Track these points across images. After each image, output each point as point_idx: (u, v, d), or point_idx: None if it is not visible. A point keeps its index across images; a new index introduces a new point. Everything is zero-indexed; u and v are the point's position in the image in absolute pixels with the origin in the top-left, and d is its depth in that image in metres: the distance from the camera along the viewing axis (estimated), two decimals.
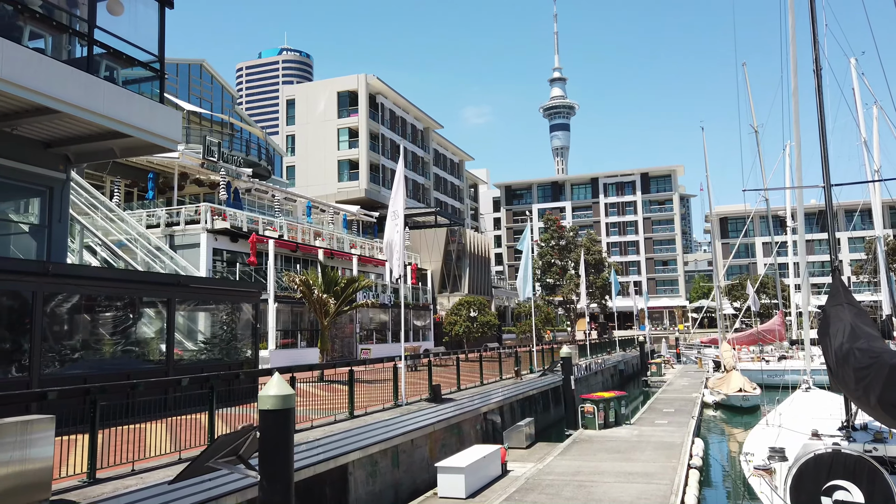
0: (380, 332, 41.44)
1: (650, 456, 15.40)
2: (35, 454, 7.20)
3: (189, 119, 42.73)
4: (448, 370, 22.11)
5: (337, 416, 14.14)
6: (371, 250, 44.28)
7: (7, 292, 11.92)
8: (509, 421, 20.03)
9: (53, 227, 15.50)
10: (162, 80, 15.58)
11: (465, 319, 40.92)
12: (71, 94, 12.80)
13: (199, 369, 15.63)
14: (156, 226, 30.70)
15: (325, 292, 24.42)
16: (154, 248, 25.85)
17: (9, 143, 14.28)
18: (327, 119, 63.48)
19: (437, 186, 78.06)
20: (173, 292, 15.73)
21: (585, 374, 31.60)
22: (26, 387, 11.52)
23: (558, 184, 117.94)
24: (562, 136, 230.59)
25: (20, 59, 11.91)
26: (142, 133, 14.63)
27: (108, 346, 14.43)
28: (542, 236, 68.85)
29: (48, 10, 13.98)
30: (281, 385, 7.56)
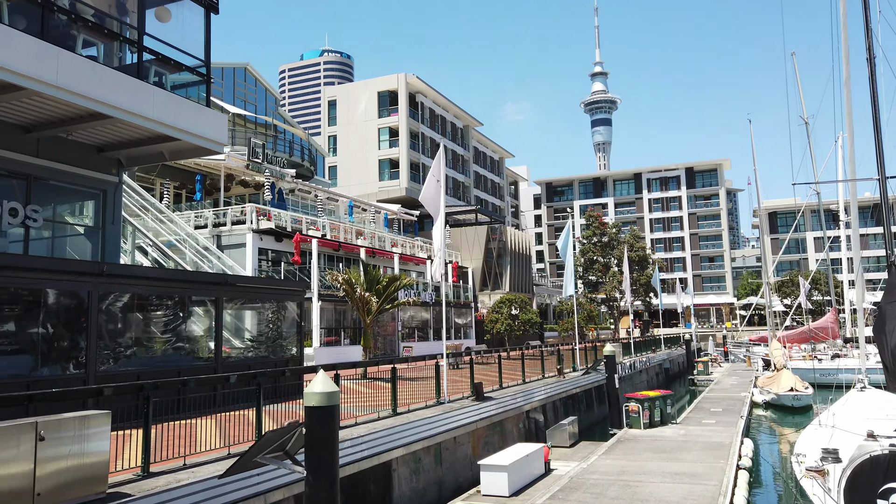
0: (421, 329, 41.64)
1: (697, 456, 15.10)
2: (92, 448, 7.48)
3: (234, 121, 43.67)
4: (490, 368, 22.09)
5: (380, 413, 14.28)
6: (412, 249, 44.51)
7: (65, 292, 12.40)
8: (552, 419, 19.90)
9: (107, 229, 16.06)
10: (208, 84, 15.97)
11: (507, 317, 40.81)
12: (122, 99, 13.24)
13: (246, 366, 15.99)
14: (203, 226, 31.48)
15: (367, 291, 24.68)
16: (202, 248, 26.52)
17: (65, 149, 14.86)
18: (368, 119, 64.03)
19: (478, 184, 77.96)
20: (221, 291, 16.12)
21: (630, 372, 31.15)
22: (83, 383, 11.97)
23: (600, 180, 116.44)
24: (603, 132, 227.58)
25: (75, 67, 12.37)
26: (189, 136, 15.03)
27: (160, 343, 14.88)
28: (583, 233, 68.12)
29: (100, 19, 14.47)
30: (326, 382, 7.68)
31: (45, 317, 12.16)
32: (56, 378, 11.70)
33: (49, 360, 12.08)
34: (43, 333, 12.04)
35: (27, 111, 13.23)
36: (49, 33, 12.26)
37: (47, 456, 6.98)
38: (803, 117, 41.59)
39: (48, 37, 12.14)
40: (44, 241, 15.11)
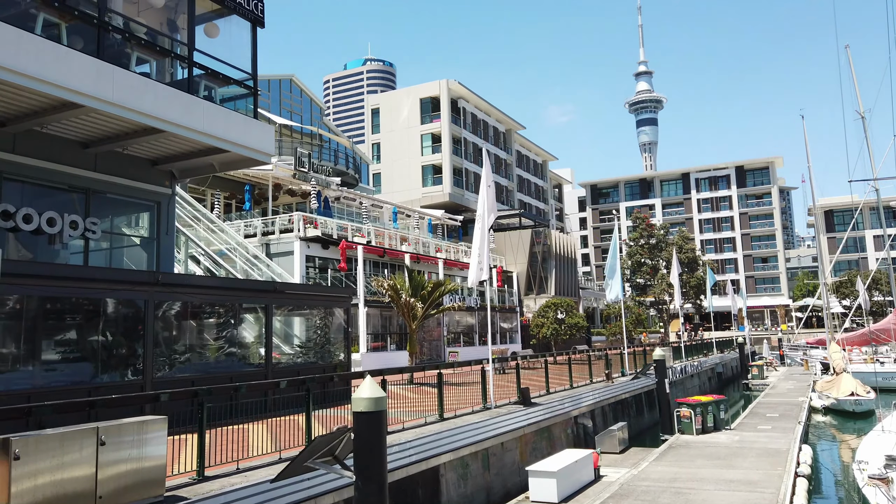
0: (467, 334, 41.62)
1: (753, 463, 14.66)
2: (150, 452, 7.73)
3: (281, 132, 44.61)
4: (536, 373, 21.92)
5: (427, 418, 14.32)
6: (456, 254, 44.58)
7: (123, 301, 12.86)
8: (601, 425, 19.62)
9: (161, 239, 16.60)
10: (255, 96, 16.37)
11: (553, 321, 40.45)
12: (174, 114, 13.68)
13: (295, 372, 16.27)
14: (253, 235, 32.21)
15: (412, 296, 24.81)
16: (252, 257, 27.14)
17: (121, 163, 15.43)
18: (411, 126, 64.52)
19: (521, 188, 77.62)
20: (271, 298, 16.46)
21: (680, 377, 30.47)
22: (140, 389, 12.37)
23: (646, 180, 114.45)
24: (649, 132, 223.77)
25: (129, 84, 12.85)
26: (238, 148, 15.43)
27: (213, 350, 15.27)
28: (630, 235, 67.05)
29: (152, 37, 15.00)
30: (373, 388, 7.76)
31: (104, 325, 12.63)
32: (115, 384, 12.12)
33: (109, 367, 12.53)
34: (102, 341, 12.51)
35: (85, 127, 13.80)
36: (105, 52, 12.76)
37: (108, 460, 7.24)
38: (859, 111, 40.02)
39: (104, 55, 12.65)
40: (102, 252, 15.70)
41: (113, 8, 13.48)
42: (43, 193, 14.27)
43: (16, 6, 11.98)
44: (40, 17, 12.05)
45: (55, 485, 6.74)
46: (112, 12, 13.40)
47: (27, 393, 10.50)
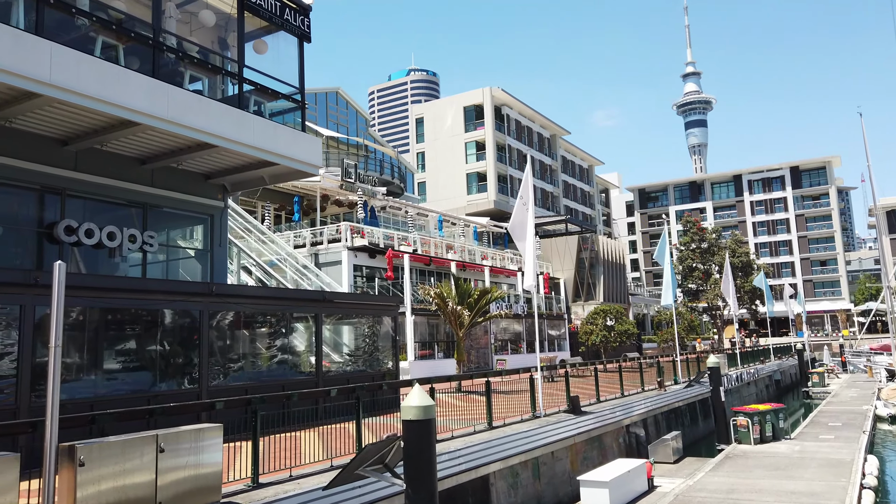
0: (514, 342, 41.37)
1: (815, 474, 14.10)
2: (207, 459, 7.92)
3: (328, 144, 45.39)
4: (586, 381, 21.62)
5: (476, 426, 14.28)
6: (502, 261, 44.43)
7: (179, 312, 13.26)
8: (654, 434, 19.19)
9: (215, 251, 17.06)
10: (303, 110, 16.71)
11: (602, 328, 39.85)
12: (226, 129, 14.08)
13: (345, 380, 16.45)
14: (302, 245, 32.79)
15: (458, 304, 24.83)
16: (301, 267, 27.63)
17: (175, 177, 15.95)
18: (455, 134, 64.75)
19: (567, 193, 76.92)
20: (320, 307, 16.70)
21: (736, 384, 29.57)
22: (196, 397, 12.71)
23: (697, 183, 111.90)
24: (698, 133, 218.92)
25: (183, 102, 13.29)
26: (287, 161, 15.77)
27: (265, 358, 15.59)
28: (681, 239, 65.62)
29: (204, 55, 15.49)
30: (422, 396, 7.78)
31: (162, 335, 13.03)
32: (172, 392, 12.49)
33: (166, 375, 12.93)
34: (160, 351, 12.91)
35: (142, 144, 14.33)
36: (160, 71, 13.24)
37: (167, 466, 7.45)
38: None
39: (159, 74, 13.12)
40: (159, 264, 16.24)
41: (167, 28, 13.99)
42: (103, 209, 14.86)
43: (76, 30, 12.54)
44: (99, 40, 12.59)
45: (117, 490, 6.97)
46: (166, 33, 13.90)
47: (90, 401, 10.91)
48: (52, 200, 13.77)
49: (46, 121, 12.65)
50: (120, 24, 13.20)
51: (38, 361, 10.21)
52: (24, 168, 13.03)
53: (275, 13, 15.82)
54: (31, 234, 13.56)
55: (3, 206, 13.42)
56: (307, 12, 16.72)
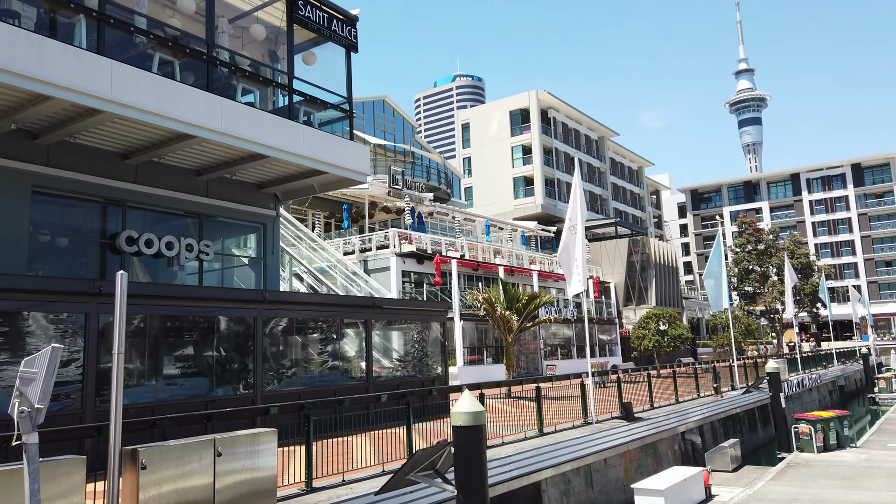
0: (564, 347, 40.92)
1: (883, 483, 13.46)
2: (262, 463, 8.08)
3: (375, 151, 45.92)
4: (638, 387, 21.21)
5: (527, 432, 14.16)
6: (550, 265, 44.06)
7: (234, 318, 13.60)
8: (711, 442, 18.68)
9: (267, 259, 17.46)
10: (351, 118, 16.97)
11: (654, 333, 39.04)
12: (277, 140, 14.42)
13: (395, 385, 16.57)
14: (351, 252, 33.24)
15: (507, 309, 24.71)
16: (351, 273, 28.01)
17: (230, 188, 16.41)
18: (501, 138, 64.62)
19: (616, 196, 75.77)
20: (370, 313, 16.88)
21: (797, 390, 28.53)
22: (251, 402, 13.00)
23: (752, 183, 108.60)
24: (753, 132, 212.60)
25: (236, 114, 13.67)
26: (336, 169, 16.04)
27: (317, 364, 15.84)
28: (736, 241, 63.78)
29: (255, 68, 15.91)
30: (472, 402, 7.77)
31: (218, 342, 13.39)
32: (228, 398, 12.81)
33: (222, 381, 13.27)
34: (216, 357, 13.27)
35: (198, 156, 14.80)
36: (213, 85, 13.65)
37: (224, 470, 7.64)
38: None
39: (213, 88, 13.53)
40: (214, 272, 16.71)
41: (220, 43, 14.42)
42: (161, 219, 15.39)
43: (135, 48, 13.05)
44: (156, 57, 13.06)
45: (177, 493, 7.17)
46: (219, 47, 14.33)
47: (151, 406, 11.28)
48: (114, 212, 14.34)
49: (108, 136, 13.19)
50: (175, 40, 13.68)
51: (101, 367, 10.61)
52: (89, 182, 13.61)
53: (323, 25, 16.12)
54: (95, 244, 14.14)
55: (68, 219, 14.05)
56: (354, 23, 16.98)
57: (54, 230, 13.78)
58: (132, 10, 13.05)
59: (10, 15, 11.08)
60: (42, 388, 5.34)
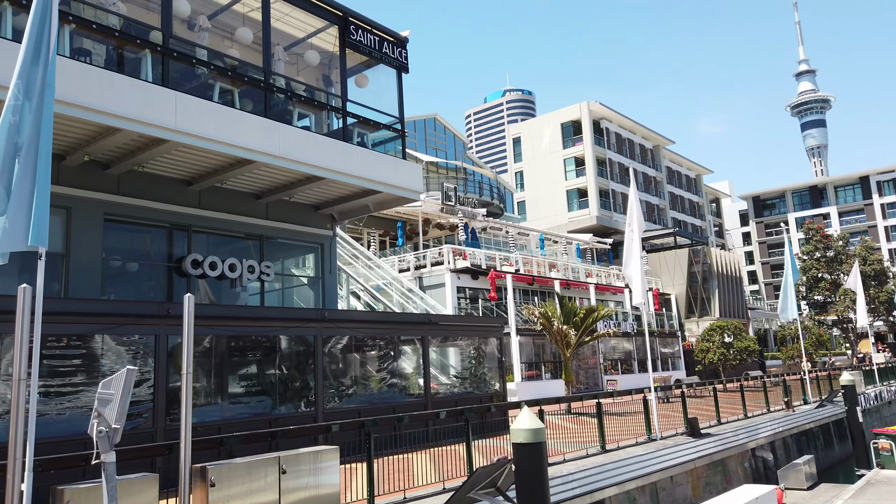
0: (625, 361, 40.05)
1: None
2: (325, 481, 8.19)
3: (427, 169, 46.36)
4: (704, 402, 20.54)
5: (588, 449, 13.89)
6: (608, 278, 43.32)
7: (295, 337, 13.89)
8: (783, 458, 17.89)
9: (325, 278, 17.79)
10: (403, 138, 17.21)
11: (719, 346, 37.78)
12: (332, 161, 14.75)
13: (453, 402, 16.54)
14: (406, 269, 33.50)
15: (564, 323, 24.39)
16: (406, 290, 28.22)
17: (288, 210, 16.84)
18: (553, 151, 64.24)
19: (674, 205, 74.07)
20: (426, 330, 16.96)
21: (875, 403, 27.06)
22: (313, 420, 13.21)
23: (818, 188, 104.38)
24: (817, 134, 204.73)
25: (293, 138, 14.06)
26: (390, 188, 16.27)
27: (375, 381, 15.98)
28: (803, 248, 61.35)
29: (310, 93, 16.35)
30: (531, 419, 7.69)
31: (280, 360, 13.69)
32: (291, 415, 13.05)
33: (285, 399, 13.53)
34: (279, 375, 13.55)
35: (257, 180, 15.27)
36: (271, 111, 14.10)
37: (289, 487, 7.77)
38: None
39: (270, 114, 13.97)
40: (275, 292, 17.13)
41: (276, 71, 14.90)
42: (224, 242, 15.91)
43: (196, 78, 13.62)
44: (216, 86, 13.60)
45: None
46: (276, 74, 14.80)
47: (218, 424, 11.60)
48: (179, 237, 14.92)
49: (173, 164, 13.77)
50: (234, 69, 14.21)
51: (171, 387, 10.99)
52: (156, 208, 14.22)
53: (374, 48, 16.46)
54: (162, 268, 14.73)
55: (137, 244, 14.69)
56: (404, 44, 17.28)
57: (125, 256, 14.41)
58: (194, 43, 13.65)
59: (82, 53, 11.74)
60: (118, 408, 5.57)
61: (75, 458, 7.22)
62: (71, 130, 11.62)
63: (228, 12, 15.34)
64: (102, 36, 11.99)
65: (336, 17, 15.95)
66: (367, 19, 16.43)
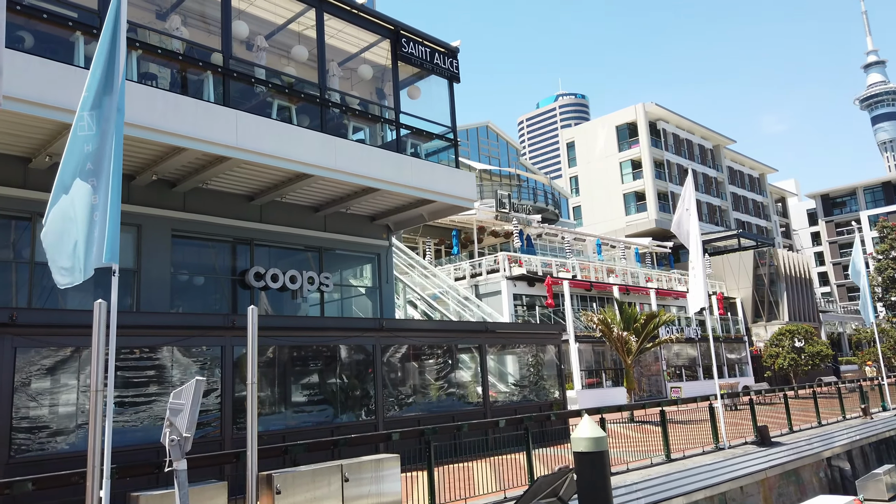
0: (689, 368, 38.96)
1: None
2: (387, 489, 8.27)
3: (481, 177, 46.40)
4: (774, 409, 19.77)
5: (653, 458, 13.56)
6: (669, 282, 42.28)
7: (354, 347, 14.10)
8: (862, 468, 17.01)
9: (382, 288, 18.01)
10: (456, 147, 17.30)
11: (789, 351, 36.31)
12: (387, 173, 14.97)
13: (512, 410, 16.44)
14: (462, 277, 33.58)
15: (624, 330, 23.93)
16: (463, 299, 28.27)
17: (345, 221, 17.16)
18: (608, 155, 63.32)
19: (736, 206, 71.76)
20: (483, 338, 16.93)
21: None
22: (374, 428, 13.36)
23: (892, 183, 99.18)
24: (889, 128, 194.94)
25: (348, 152, 14.34)
26: (444, 197, 16.38)
27: (434, 389, 16.04)
28: (878, 248, 58.37)
29: (364, 106, 16.65)
30: (593, 427, 7.58)
31: (340, 369, 13.92)
32: (352, 424, 13.24)
33: (346, 408, 13.74)
34: (340, 384, 13.78)
35: (315, 194, 15.63)
36: (327, 126, 14.42)
37: (352, 495, 7.88)
38: None
39: (326, 129, 14.30)
40: (334, 303, 17.44)
41: (331, 86, 15.25)
42: (284, 255, 16.34)
43: (255, 97, 14.07)
44: (275, 104, 14.01)
45: None
46: (331, 90, 15.15)
47: (282, 433, 11.87)
48: (242, 250, 15.40)
49: (235, 180, 14.25)
50: (291, 87, 14.62)
51: (237, 396, 11.32)
52: (220, 223, 14.73)
53: (426, 59, 16.64)
54: (227, 281, 15.23)
55: (203, 258, 15.24)
56: (455, 54, 17.40)
57: (191, 270, 14.97)
58: (253, 62, 14.12)
59: (149, 77, 12.31)
60: (189, 417, 5.79)
61: (149, 465, 7.52)
62: (139, 151, 12.18)
63: (284, 31, 15.80)
64: (167, 60, 12.55)
65: (388, 31, 16.21)
66: (418, 31, 16.64)
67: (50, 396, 9.60)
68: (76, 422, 9.66)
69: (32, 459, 8.96)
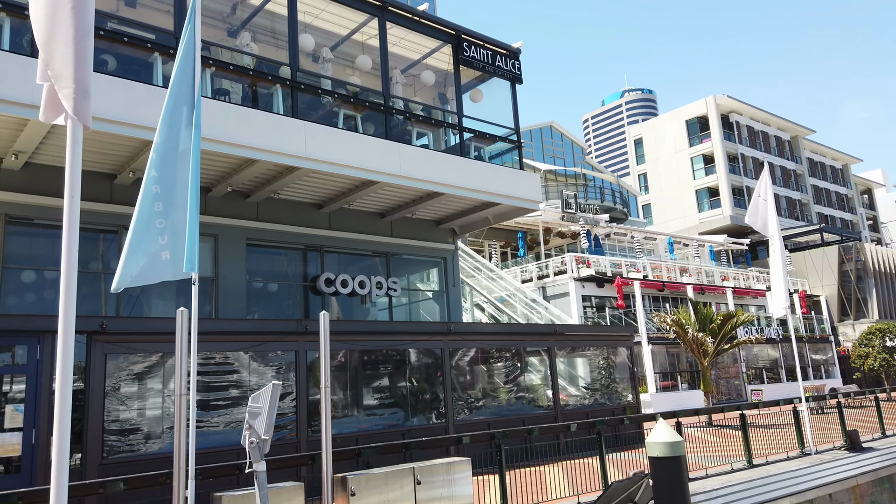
0: (770, 370, 37.30)
1: None
2: (459, 492, 8.29)
3: (546, 178, 45.98)
4: (865, 412, 18.68)
5: (733, 464, 13.05)
6: (746, 280, 40.64)
7: (423, 351, 14.23)
8: None
9: (449, 291, 18.09)
10: (520, 149, 17.21)
11: (880, 350, 34.24)
12: (451, 177, 15.04)
13: (583, 414, 16.18)
14: (529, 280, 33.31)
15: (699, 331, 23.15)
16: (530, 301, 28.06)
17: (411, 226, 17.34)
18: (678, 150, 61.51)
19: (818, 199, 68.29)
20: (552, 341, 16.74)
21: None
22: (444, 431, 13.42)
23: None
24: None
25: (412, 157, 14.50)
26: (509, 199, 16.32)
27: (503, 393, 15.97)
28: None
29: (427, 112, 16.79)
30: (668, 431, 7.37)
31: (409, 373, 14.07)
32: (423, 427, 13.34)
33: (416, 411, 13.87)
34: (409, 387, 13.92)
35: (381, 200, 15.87)
36: (391, 132, 14.64)
37: (424, 498, 7.94)
38: None
39: (391, 136, 14.51)
40: (402, 307, 17.65)
41: (394, 93, 15.46)
42: (353, 261, 16.66)
43: (322, 107, 14.43)
44: (340, 113, 14.33)
45: None
46: (394, 97, 15.37)
47: (355, 436, 12.10)
48: (312, 257, 15.81)
49: (305, 189, 14.65)
50: (356, 96, 14.91)
51: (311, 400, 11.61)
52: (291, 231, 15.18)
53: (487, 62, 16.64)
54: (298, 287, 15.66)
55: (276, 266, 15.73)
56: (517, 56, 17.32)
57: (265, 277, 15.48)
58: (319, 74, 14.49)
59: (222, 93, 12.82)
60: (267, 420, 5.98)
61: (230, 467, 7.80)
62: (215, 164, 12.70)
63: (349, 42, 16.14)
64: (238, 75, 13.04)
65: (449, 36, 16.30)
66: (479, 35, 16.66)
67: (137, 400, 10.12)
68: (162, 425, 10.15)
69: (122, 461, 9.47)
